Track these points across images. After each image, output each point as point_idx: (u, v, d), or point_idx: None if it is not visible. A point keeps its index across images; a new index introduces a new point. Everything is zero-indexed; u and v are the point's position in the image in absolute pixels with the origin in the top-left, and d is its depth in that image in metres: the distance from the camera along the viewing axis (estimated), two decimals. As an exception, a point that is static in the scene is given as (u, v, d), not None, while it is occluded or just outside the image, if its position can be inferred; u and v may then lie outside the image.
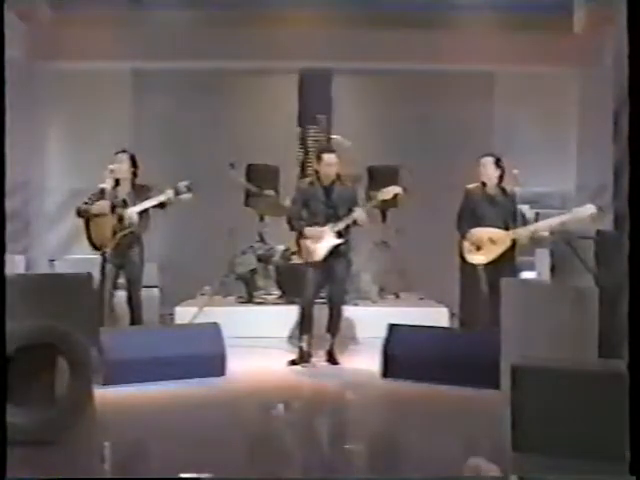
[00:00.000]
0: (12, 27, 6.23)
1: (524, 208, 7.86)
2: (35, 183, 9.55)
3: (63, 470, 3.98)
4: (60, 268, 8.48)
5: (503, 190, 6.95)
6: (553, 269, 4.86)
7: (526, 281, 5.51)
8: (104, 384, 5.63)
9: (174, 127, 10.04)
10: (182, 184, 6.93)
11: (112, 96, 9.80)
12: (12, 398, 3.88)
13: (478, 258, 6.85)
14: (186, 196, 6.95)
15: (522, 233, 6.74)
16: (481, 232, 6.84)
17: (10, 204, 3.89)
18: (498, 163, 6.95)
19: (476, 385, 5.64)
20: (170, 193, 6.90)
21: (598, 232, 5.28)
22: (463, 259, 7.00)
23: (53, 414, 4.42)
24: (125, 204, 6.87)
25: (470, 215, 6.91)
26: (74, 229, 7.86)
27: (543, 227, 6.75)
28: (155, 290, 8.53)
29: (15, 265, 7.86)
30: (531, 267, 7.69)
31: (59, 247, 9.52)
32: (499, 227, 6.82)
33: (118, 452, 4.49)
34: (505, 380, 4.68)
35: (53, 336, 4.49)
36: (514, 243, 6.78)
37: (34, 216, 9.59)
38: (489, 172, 6.94)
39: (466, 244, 6.89)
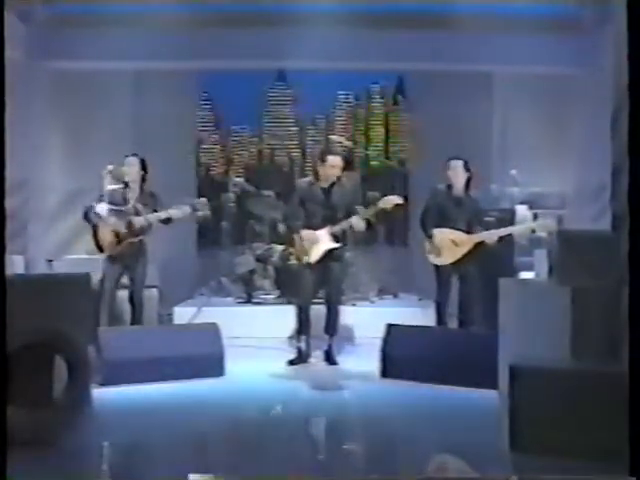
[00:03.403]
0: (12, 27, 6.23)
1: (522, 208, 7.89)
2: (34, 183, 9.51)
3: (63, 470, 3.98)
4: (58, 268, 8.46)
5: (468, 194, 7.00)
6: (551, 269, 4.86)
7: (524, 281, 5.50)
8: (102, 384, 5.64)
9: (174, 127, 10.04)
10: (199, 201, 6.95)
11: (112, 96, 9.78)
12: (11, 398, 3.88)
13: (440, 259, 6.88)
14: (203, 214, 6.96)
15: (486, 237, 6.82)
16: (444, 234, 6.88)
17: (9, 204, 3.89)
18: (467, 166, 6.98)
19: (475, 385, 5.64)
20: (187, 210, 6.86)
21: (597, 232, 5.29)
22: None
23: (52, 414, 4.42)
24: (136, 211, 6.84)
25: (436, 215, 6.95)
26: (73, 229, 7.85)
27: (492, 234, 6.86)
28: (154, 290, 8.51)
29: (14, 265, 7.84)
30: (530, 267, 7.70)
31: (58, 247, 9.50)
32: (463, 229, 6.89)
33: (117, 452, 4.49)
34: (503, 380, 4.68)
35: (51, 336, 4.49)
36: (477, 246, 6.83)
37: (33, 216, 9.57)
38: (458, 175, 6.97)
39: (429, 245, 6.91)
